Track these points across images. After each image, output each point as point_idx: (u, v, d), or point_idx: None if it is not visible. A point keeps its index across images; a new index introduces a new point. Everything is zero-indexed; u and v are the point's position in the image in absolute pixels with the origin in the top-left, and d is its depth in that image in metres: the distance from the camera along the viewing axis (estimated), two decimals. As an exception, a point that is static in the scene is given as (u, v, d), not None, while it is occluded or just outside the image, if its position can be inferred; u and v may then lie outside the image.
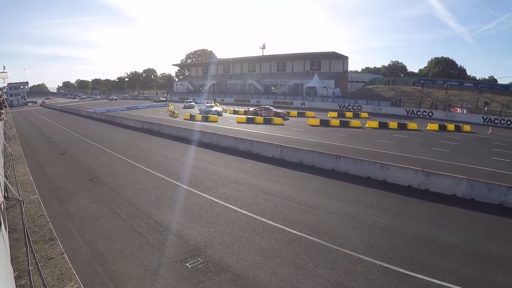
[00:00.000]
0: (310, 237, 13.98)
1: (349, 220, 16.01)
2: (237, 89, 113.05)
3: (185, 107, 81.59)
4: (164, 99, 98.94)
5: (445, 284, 11.22)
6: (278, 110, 60.26)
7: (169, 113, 66.63)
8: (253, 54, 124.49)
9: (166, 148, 32.92)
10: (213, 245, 13.24)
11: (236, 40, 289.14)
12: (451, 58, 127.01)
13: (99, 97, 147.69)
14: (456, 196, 20.09)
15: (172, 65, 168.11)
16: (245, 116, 56.11)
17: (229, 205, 17.38)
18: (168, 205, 17.59)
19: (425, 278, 11.49)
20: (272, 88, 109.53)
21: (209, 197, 18.61)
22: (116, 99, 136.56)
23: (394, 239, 14.28)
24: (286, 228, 14.76)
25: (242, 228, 14.78)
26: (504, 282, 11.56)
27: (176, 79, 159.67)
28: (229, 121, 54.76)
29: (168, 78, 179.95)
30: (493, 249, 13.96)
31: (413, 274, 11.69)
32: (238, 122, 52.12)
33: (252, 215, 16.19)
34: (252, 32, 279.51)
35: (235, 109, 68.98)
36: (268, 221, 15.46)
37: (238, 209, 16.86)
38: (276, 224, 15.15)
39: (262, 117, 53.15)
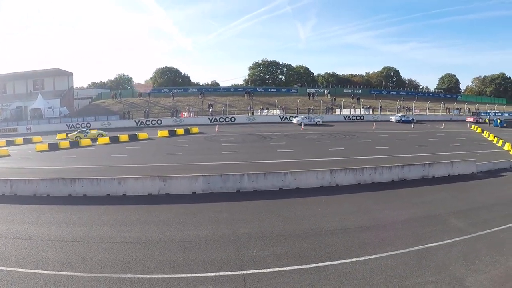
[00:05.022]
0: (64, 273, 13.04)
1: (99, 243, 15.56)
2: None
3: None
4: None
5: (208, 274, 12.10)
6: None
7: None
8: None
9: None
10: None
11: None
12: (175, 67, 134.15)
13: None
14: (196, 193, 21.86)
15: None
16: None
17: None
18: None
19: (189, 275, 12.13)
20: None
21: None
22: None
23: (149, 249, 14.54)
24: (37, 271, 13.38)
25: None
26: (259, 255, 13.35)
27: None
28: None
29: None
30: (241, 230, 15.92)
31: (177, 275, 12.18)
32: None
33: None
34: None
35: None
36: (15, 269, 13.67)
37: None
38: (25, 270, 13.54)
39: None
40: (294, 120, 66.31)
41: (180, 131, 54.93)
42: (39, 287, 12.24)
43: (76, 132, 55.24)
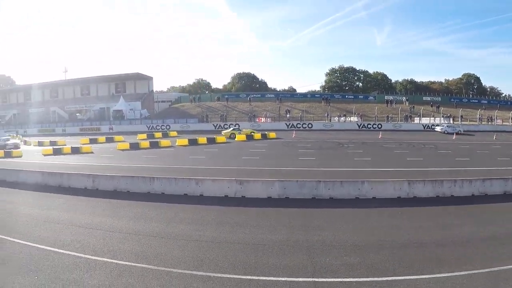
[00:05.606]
0: (139, 265, 13.63)
1: (174, 240, 16.11)
2: (40, 118, 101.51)
3: None
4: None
5: (280, 279, 12.07)
6: None
7: (-35, 152, 58.65)
8: (56, 78, 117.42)
9: (-36, 194, 28.51)
10: (41, 295, 11.97)
11: (36, 63, 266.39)
12: (252, 73, 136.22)
13: None
14: (272, 197, 21.87)
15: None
16: (51, 148, 52.34)
17: (48, 248, 15.85)
18: (-21, 260, 15.45)
19: (260, 278, 12.16)
20: (77, 114, 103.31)
21: (25, 242, 16.67)
22: None
23: (222, 249, 14.79)
24: (113, 261, 14.13)
25: (67, 270, 13.64)
26: (332, 264, 13.13)
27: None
28: (34, 154, 49.81)
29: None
30: (315, 237, 15.75)
31: (248, 277, 12.26)
32: (45, 155, 48.14)
33: (75, 253, 15.06)
34: (53, 54, 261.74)
35: (39, 140, 63.91)
36: (93, 257, 14.57)
37: (59, 250, 15.52)
38: (102, 259, 14.39)
39: (70, 147, 50.24)
40: (438, 128, 66.79)
41: (257, 135, 55.56)
42: (114, 276, 12.87)
43: (230, 129, 59.34)
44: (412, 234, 16.41)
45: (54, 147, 53.00)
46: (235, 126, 63.03)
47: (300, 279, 11.99)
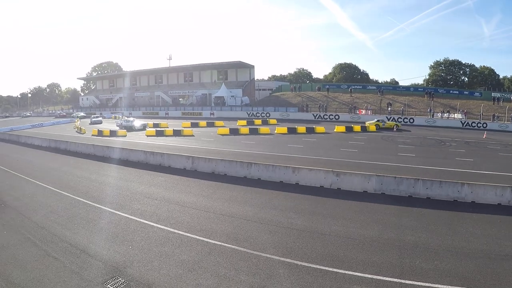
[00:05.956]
0: (229, 245, 13.95)
1: (266, 225, 16.20)
2: (144, 101, 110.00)
3: (92, 123, 74.66)
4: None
5: (366, 276, 11.71)
6: None
7: (76, 129, 62.95)
8: (160, 65, 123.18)
9: (75, 166, 31.19)
10: (133, 263, 12.73)
11: (142, 51, 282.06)
12: (354, 64, 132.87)
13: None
14: (367, 192, 21.17)
15: (77, 78, 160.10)
16: (154, 129, 54.85)
17: (144, 221, 16.87)
18: (81, 226, 16.65)
19: (346, 272, 11.90)
20: (180, 99, 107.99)
21: (123, 214, 17.95)
22: (29, 115, 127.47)
23: (312, 239, 14.64)
24: (205, 239, 14.61)
25: (160, 243, 14.40)
26: (421, 267, 12.36)
27: (82, 94, 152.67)
28: (138, 135, 53.35)
29: (73, 93, 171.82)
30: (407, 237, 14.93)
31: (334, 270, 12.05)
32: (148, 136, 51.07)
33: (169, 228, 15.85)
34: (158, 42, 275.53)
35: (143, 122, 67.14)
36: (186, 233, 15.21)
37: (154, 224, 16.43)
38: (194, 236, 14.93)
39: (172, 130, 52.36)
40: None
41: (357, 127, 54.36)
42: (204, 253, 13.30)
43: (375, 120, 59.28)
44: (510, 246, 15.10)
45: (157, 129, 55.76)
46: (379, 118, 62.56)
47: (386, 278, 11.56)
